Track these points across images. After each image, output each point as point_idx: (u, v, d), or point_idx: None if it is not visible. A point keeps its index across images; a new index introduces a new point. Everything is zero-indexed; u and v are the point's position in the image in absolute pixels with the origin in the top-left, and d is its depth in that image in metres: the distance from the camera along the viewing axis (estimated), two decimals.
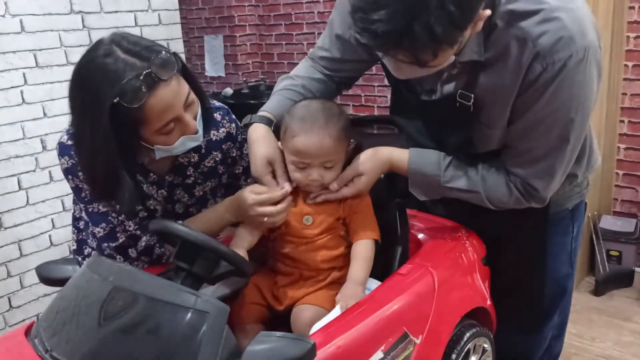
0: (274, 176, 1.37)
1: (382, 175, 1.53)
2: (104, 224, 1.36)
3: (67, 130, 1.35)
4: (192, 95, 1.28)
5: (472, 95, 1.26)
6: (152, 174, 1.41)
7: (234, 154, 1.54)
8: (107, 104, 1.15)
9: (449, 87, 1.31)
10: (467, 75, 1.26)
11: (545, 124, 1.23)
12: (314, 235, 1.39)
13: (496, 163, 1.36)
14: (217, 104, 1.53)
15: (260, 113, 1.45)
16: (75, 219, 1.50)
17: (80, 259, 1.50)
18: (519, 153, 1.30)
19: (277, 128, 1.39)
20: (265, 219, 1.32)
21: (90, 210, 1.37)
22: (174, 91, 1.21)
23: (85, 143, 1.24)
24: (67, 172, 1.35)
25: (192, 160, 1.46)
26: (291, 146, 1.33)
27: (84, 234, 1.47)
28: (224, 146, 1.50)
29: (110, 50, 1.18)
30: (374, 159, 1.40)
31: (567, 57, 1.14)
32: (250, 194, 1.33)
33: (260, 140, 1.37)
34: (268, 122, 1.42)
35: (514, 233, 1.50)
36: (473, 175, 1.36)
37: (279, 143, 1.39)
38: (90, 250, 1.47)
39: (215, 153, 1.49)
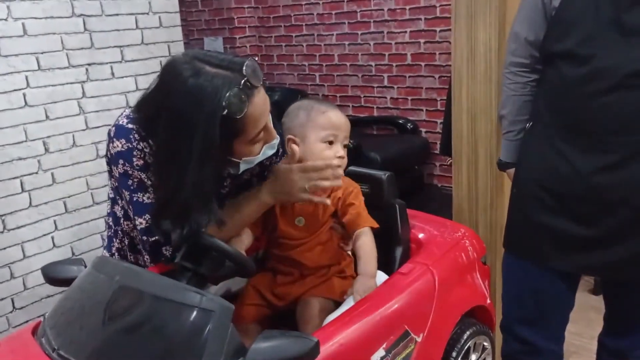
0: None
1: (385, 176, 1.55)
2: (147, 216, 1.31)
3: (128, 115, 1.31)
4: None
5: None
6: None
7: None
8: (216, 119, 1.15)
9: None
10: None
11: None
12: (307, 235, 1.41)
13: None
14: None
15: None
16: (107, 214, 1.46)
17: (109, 255, 1.46)
18: None
19: None
20: (316, 182, 1.32)
21: (135, 199, 1.31)
22: (264, 97, 1.24)
23: (178, 160, 1.20)
24: (120, 156, 1.29)
25: (232, 171, 1.41)
26: (323, 121, 1.38)
27: (112, 230, 1.45)
28: (264, 160, 1.43)
29: (197, 68, 1.18)
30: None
31: None
32: (287, 165, 1.35)
33: None
34: None
35: None
36: None
37: (295, 136, 1.39)
38: (117, 247, 1.44)
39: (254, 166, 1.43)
